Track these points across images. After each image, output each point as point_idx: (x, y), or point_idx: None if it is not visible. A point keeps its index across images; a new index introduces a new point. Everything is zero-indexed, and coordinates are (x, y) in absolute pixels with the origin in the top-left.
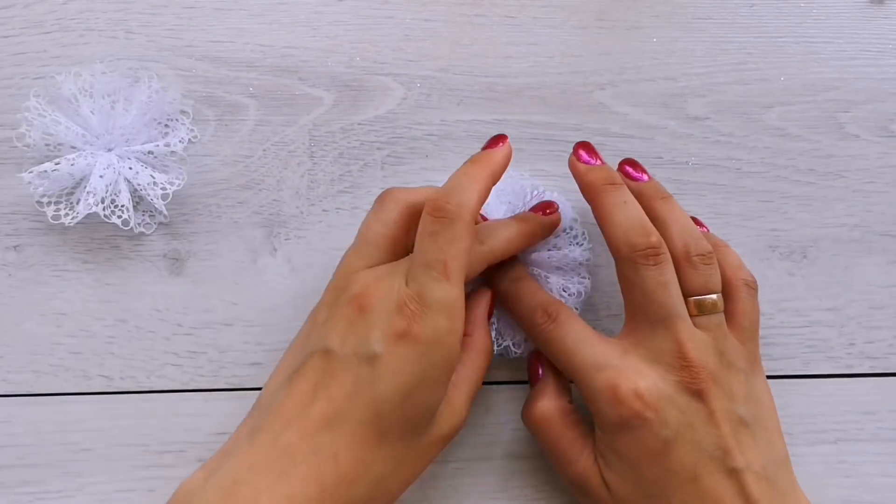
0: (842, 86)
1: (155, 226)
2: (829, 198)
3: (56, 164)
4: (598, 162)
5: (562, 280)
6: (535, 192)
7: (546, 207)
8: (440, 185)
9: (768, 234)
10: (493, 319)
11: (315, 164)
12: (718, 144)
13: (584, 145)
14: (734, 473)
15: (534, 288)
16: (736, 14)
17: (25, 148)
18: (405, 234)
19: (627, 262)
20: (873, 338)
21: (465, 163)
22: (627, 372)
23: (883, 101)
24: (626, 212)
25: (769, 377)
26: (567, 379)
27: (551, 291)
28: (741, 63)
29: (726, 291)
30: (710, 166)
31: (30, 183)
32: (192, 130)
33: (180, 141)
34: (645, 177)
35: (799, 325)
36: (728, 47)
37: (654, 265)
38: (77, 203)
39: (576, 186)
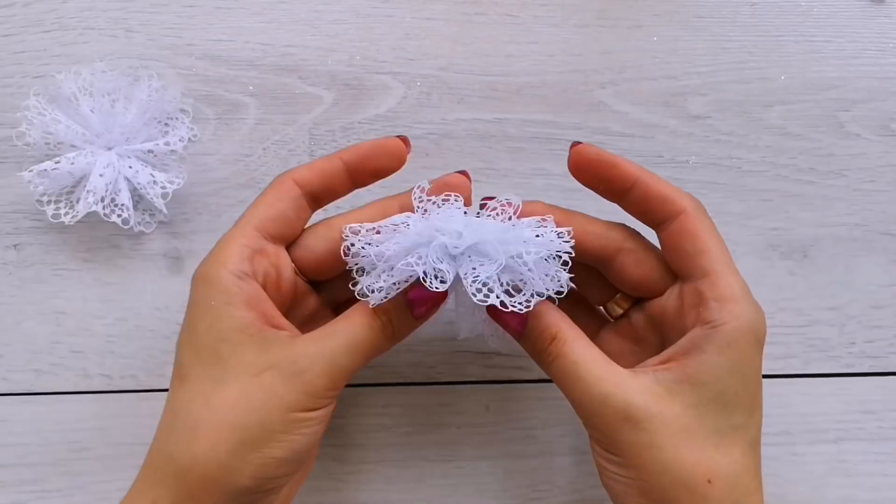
0: (842, 85)
1: (155, 225)
2: (830, 197)
3: (56, 162)
4: None
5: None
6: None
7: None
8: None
9: (769, 233)
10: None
11: None
12: (719, 143)
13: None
14: None
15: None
16: (737, 13)
17: (25, 147)
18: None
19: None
20: (874, 337)
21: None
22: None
23: (883, 100)
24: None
25: (769, 376)
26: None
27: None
28: (742, 62)
29: None
30: (710, 165)
31: (30, 182)
32: (192, 129)
33: (180, 140)
34: None
35: (799, 325)
36: (729, 46)
37: None
38: (77, 202)
39: (577, 186)
